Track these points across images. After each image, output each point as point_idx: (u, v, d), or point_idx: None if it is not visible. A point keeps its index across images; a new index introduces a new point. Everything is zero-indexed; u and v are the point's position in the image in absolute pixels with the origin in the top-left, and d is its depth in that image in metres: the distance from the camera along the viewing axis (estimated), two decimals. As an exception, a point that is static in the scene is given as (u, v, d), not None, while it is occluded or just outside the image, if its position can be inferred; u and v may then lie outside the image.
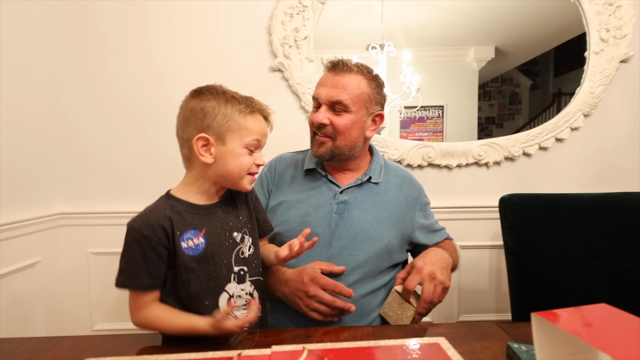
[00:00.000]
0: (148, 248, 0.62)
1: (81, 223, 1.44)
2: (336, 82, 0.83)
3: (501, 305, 1.53)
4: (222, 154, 0.65)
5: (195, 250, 0.65)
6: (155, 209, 0.65)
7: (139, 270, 0.62)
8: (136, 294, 0.64)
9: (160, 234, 0.62)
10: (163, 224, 0.63)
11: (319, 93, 0.85)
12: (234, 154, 0.65)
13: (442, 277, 0.76)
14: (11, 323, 1.20)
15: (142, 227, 0.62)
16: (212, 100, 0.65)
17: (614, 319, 0.48)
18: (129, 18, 1.41)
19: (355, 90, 0.83)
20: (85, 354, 0.56)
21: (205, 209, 0.68)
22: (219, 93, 0.66)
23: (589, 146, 1.48)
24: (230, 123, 0.64)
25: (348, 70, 0.83)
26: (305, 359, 0.50)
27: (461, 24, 2.03)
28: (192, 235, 0.65)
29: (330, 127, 0.84)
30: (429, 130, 2.31)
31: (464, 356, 0.50)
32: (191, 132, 0.65)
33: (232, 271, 0.69)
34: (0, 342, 0.65)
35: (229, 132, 0.64)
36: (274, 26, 1.40)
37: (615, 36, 1.41)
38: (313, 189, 0.90)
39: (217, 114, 0.64)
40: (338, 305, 0.73)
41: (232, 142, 0.65)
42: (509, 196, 1.08)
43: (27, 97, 1.30)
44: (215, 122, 0.64)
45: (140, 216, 0.64)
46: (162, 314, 0.63)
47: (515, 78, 3.44)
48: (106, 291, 1.46)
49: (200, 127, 0.64)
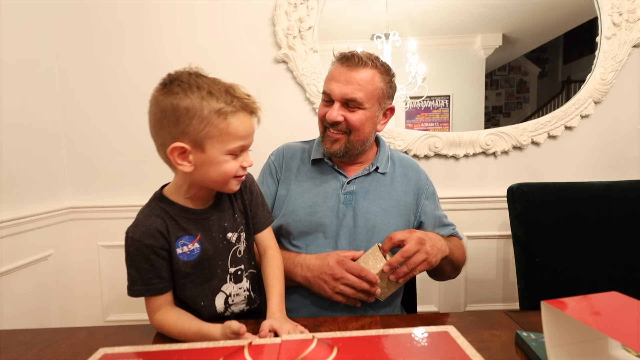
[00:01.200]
0: (153, 255, 0.62)
1: (91, 217, 1.46)
2: (350, 77, 0.80)
3: (508, 295, 1.53)
4: (202, 161, 0.58)
5: (190, 256, 0.64)
6: (149, 215, 0.63)
7: (150, 277, 0.63)
8: (151, 299, 0.64)
9: (160, 240, 0.62)
10: (161, 230, 0.62)
11: (332, 89, 0.81)
12: (216, 162, 0.58)
13: (430, 249, 0.73)
14: (26, 315, 1.24)
15: (142, 237, 0.61)
16: (185, 99, 0.54)
17: (624, 307, 0.47)
18: (131, 13, 1.41)
19: (370, 87, 0.80)
20: (99, 344, 0.57)
21: (199, 214, 0.65)
22: (192, 88, 0.55)
23: (599, 134, 1.45)
24: (209, 129, 0.55)
25: (363, 64, 0.80)
26: (314, 348, 0.50)
27: (467, 10, 1.99)
28: (187, 242, 0.63)
29: (344, 124, 0.82)
30: (435, 121, 2.29)
31: (473, 344, 0.51)
32: (165, 137, 0.56)
33: (228, 272, 0.69)
34: (17, 333, 0.66)
35: (208, 139, 0.56)
36: (277, 17, 1.39)
37: (628, 20, 1.37)
38: (320, 178, 0.90)
39: (193, 117, 0.54)
40: (364, 288, 0.73)
41: (213, 149, 0.57)
42: (517, 185, 1.07)
43: (35, 96, 1.32)
44: (190, 128, 0.55)
45: (136, 225, 0.62)
46: (172, 320, 0.63)
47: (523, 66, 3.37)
48: (117, 283, 1.49)
49: (175, 133, 0.55)
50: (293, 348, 0.51)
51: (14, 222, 1.18)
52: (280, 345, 0.52)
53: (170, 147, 0.56)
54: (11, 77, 1.21)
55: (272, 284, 0.70)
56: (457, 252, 0.87)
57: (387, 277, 0.73)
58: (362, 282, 0.73)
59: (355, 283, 0.73)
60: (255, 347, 0.51)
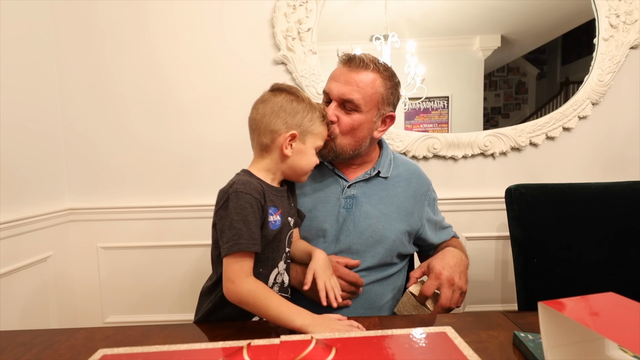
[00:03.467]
0: (259, 211, 0.67)
1: (90, 218, 1.46)
2: (350, 78, 0.79)
3: (507, 295, 1.53)
4: (299, 150, 0.74)
5: (274, 225, 0.70)
6: (248, 180, 0.69)
7: (256, 232, 0.65)
8: (246, 259, 0.64)
9: (262, 200, 0.68)
10: (262, 192, 0.69)
11: (331, 88, 0.81)
12: (308, 153, 0.75)
13: (460, 282, 0.76)
14: (25, 316, 1.24)
15: (252, 192, 0.66)
16: (302, 103, 0.73)
17: (621, 307, 0.48)
18: (131, 15, 1.41)
19: (369, 90, 0.79)
20: (98, 345, 0.57)
21: (280, 192, 0.76)
22: (304, 98, 0.74)
23: (597, 135, 1.46)
24: (314, 127, 0.74)
25: (364, 66, 0.79)
26: (313, 349, 0.51)
27: (466, 11, 1.99)
28: (273, 212, 0.71)
29: (336, 126, 0.81)
30: (434, 122, 2.29)
31: (471, 345, 0.51)
32: (280, 126, 0.71)
33: (285, 251, 0.75)
34: (16, 334, 0.66)
35: (310, 135, 0.74)
36: (276, 18, 1.39)
37: (626, 22, 1.38)
38: (320, 182, 0.89)
39: (306, 116, 0.73)
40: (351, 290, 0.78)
41: (310, 142, 0.75)
42: (515, 186, 1.07)
43: (34, 98, 1.32)
44: (303, 123, 0.73)
45: (242, 183, 0.67)
46: (267, 289, 0.64)
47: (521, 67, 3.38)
48: (116, 285, 1.49)
49: (291, 124, 0.72)
50: (292, 349, 0.51)
51: (13, 224, 1.18)
52: (279, 345, 0.52)
53: (289, 132, 0.71)
54: (10, 79, 1.21)
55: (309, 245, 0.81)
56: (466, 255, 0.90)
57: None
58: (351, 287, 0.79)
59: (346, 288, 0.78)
60: (254, 347, 0.52)
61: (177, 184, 1.48)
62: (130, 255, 1.48)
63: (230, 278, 0.63)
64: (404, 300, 0.78)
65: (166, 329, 0.67)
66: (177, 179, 1.48)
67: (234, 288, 0.63)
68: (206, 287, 0.76)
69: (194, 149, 1.47)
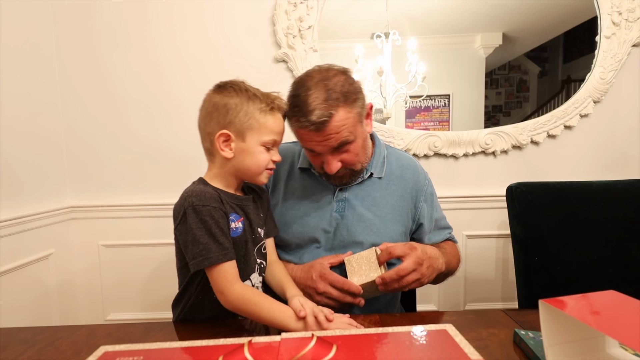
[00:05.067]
0: (221, 219, 0.64)
1: (91, 216, 1.46)
2: (325, 134, 0.71)
3: (507, 294, 1.53)
4: (241, 150, 0.67)
5: (235, 232, 0.67)
6: (202, 190, 0.66)
7: (224, 241, 0.64)
8: (225, 268, 0.63)
9: (222, 206, 0.65)
10: (219, 199, 0.66)
11: (317, 149, 0.74)
12: (252, 151, 0.67)
13: (426, 270, 0.72)
14: (27, 314, 1.24)
15: (208, 202, 0.63)
16: (235, 97, 0.66)
17: (622, 305, 0.48)
18: (131, 13, 1.41)
19: (346, 126, 0.72)
20: (100, 342, 0.58)
21: (241, 200, 0.71)
22: (241, 90, 0.67)
23: (598, 133, 1.46)
24: (251, 121, 0.66)
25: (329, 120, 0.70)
26: (314, 346, 0.51)
27: (467, 9, 1.99)
28: (235, 219, 0.68)
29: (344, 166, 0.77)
30: (435, 120, 2.28)
31: (471, 343, 0.51)
32: (213, 127, 0.67)
33: (257, 263, 0.72)
34: (18, 331, 0.67)
35: (249, 130, 0.66)
36: (277, 16, 1.39)
37: (628, 19, 1.37)
38: (311, 186, 0.85)
39: (240, 111, 0.66)
40: (347, 301, 0.72)
41: (252, 139, 0.67)
42: (516, 185, 1.07)
43: (35, 95, 1.32)
44: (237, 119, 0.66)
45: (196, 195, 0.64)
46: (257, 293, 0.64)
47: (523, 65, 3.37)
48: (117, 282, 1.49)
49: (223, 123, 0.66)
50: (292, 346, 0.51)
51: (14, 222, 1.18)
52: (279, 343, 0.52)
53: (218, 133, 0.66)
54: (10, 77, 1.21)
55: (287, 278, 0.74)
56: (452, 262, 0.85)
57: (375, 286, 0.72)
58: (345, 295, 0.72)
59: (338, 297, 0.72)
60: (255, 344, 0.52)
61: (178, 182, 1.47)
62: (132, 253, 1.48)
63: (218, 290, 0.63)
64: (363, 254, 0.74)
65: (167, 326, 0.67)
66: (178, 176, 1.48)
67: (224, 298, 0.63)
68: (175, 299, 0.75)
69: (195, 147, 1.44)
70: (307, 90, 0.71)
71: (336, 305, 0.73)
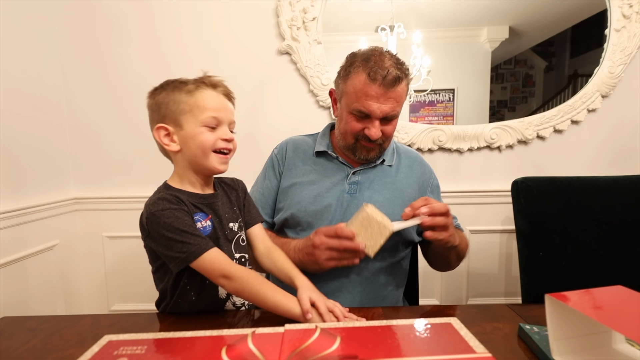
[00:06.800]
0: (186, 216, 0.63)
1: (95, 208, 1.47)
2: (388, 96, 0.78)
3: (510, 289, 1.53)
4: (184, 138, 0.65)
5: (204, 231, 0.66)
6: (163, 195, 0.64)
7: (199, 233, 0.63)
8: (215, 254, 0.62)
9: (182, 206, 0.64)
10: (179, 199, 0.64)
11: (372, 110, 0.79)
12: (193, 134, 0.64)
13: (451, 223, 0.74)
14: (32, 304, 1.25)
15: (168, 205, 0.62)
16: (162, 92, 0.66)
17: (628, 301, 0.47)
18: (135, 5, 1.40)
19: (404, 97, 0.82)
20: (104, 331, 0.58)
21: (206, 198, 0.69)
22: (167, 84, 0.67)
23: (606, 128, 1.44)
24: (182, 106, 0.64)
25: (399, 81, 0.78)
26: (317, 337, 0.51)
27: (474, 2, 1.96)
28: (201, 218, 0.67)
29: (381, 137, 0.83)
30: (439, 115, 2.26)
31: (476, 337, 0.51)
32: (153, 127, 0.67)
33: (234, 258, 0.70)
34: (23, 320, 0.67)
35: (182, 115, 0.64)
36: (281, 7, 1.37)
37: (639, 12, 1.34)
38: (325, 170, 0.90)
39: (168, 102, 0.65)
40: (346, 246, 0.72)
41: (188, 123, 0.65)
42: (522, 179, 1.06)
43: (39, 89, 1.32)
44: (168, 111, 0.65)
45: (151, 204, 0.63)
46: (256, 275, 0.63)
47: (529, 59, 3.32)
48: (122, 274, 1.51)
49: (158, 120, 0.66)
50: (296, 337, 0.51)
51: (19, 213, 1.19)
52: (283, 334, 0.52)
53: (155, 128, 0.65)
54: (15, 69, 1.21)
55: (291, 265, 0.72)
56: (463, 244, 0.87)
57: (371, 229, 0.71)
58: (341, 241, 0.72)
59: (335, 244, 0.72)
60: (259, 335, 0.52)
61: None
62: (136, 244, 1.49)
63: (219, 275, 0.61)
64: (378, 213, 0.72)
65: (171, 317, 0.67)
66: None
67: (228, 281, 0.61)
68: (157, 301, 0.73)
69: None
70: (379, 55, 0.79)
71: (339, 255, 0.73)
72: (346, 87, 0.81)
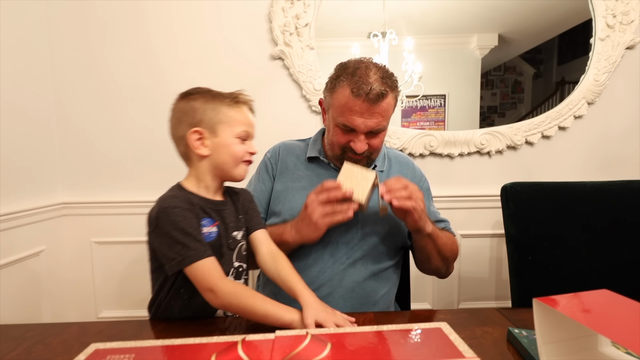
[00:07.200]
0: (194, 219, 0.64)
1: (83, 213, 1.44)
2: (373, 111, 0.77)
3: (501, 293, 1.54)
4: (216, 145, 0.69)
5: (208, 237, 0.67)
6: (173, 195, 0.67)
7: (201, 239, 0.64)
8: (209, 264, 0.62)
9: (192, 210, 0.66)
10: (191, 202, 0.66)
11: (357, 125, 0.78)
12: (227, 144, 0.69)
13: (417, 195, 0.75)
14: (17, 311, 1.22)
15: (180, 204, 0.64)
16: (200, 98, 0.69)
17: (614, 304, 0.48)
18: (127, 7, 1.39)
19: (390, 111, 0.81)
20: (91, 339, 0.57)
21: (217, 204, 0.71)
22: (204, 91, 0.70)
23: (592, 135, 1.47)
24: (220, 116, 0.68)
25: (383, 96, 0.77)
26: (308, 344, 0.50)
27: (464, 10, 1.99)
28: (208, 223, 0.68)
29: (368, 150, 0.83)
30: (431, 120, 2.29)
31: (466, 341, 0.51)
32: (184, 129, 0.68)
33: (233, 266, 0.71)
34: (8, 328, 0.66)
35: (220, 124, 0.68)
36: (274, 13, 1.38)
37: (622, 22, 1.39)
38: (317, 175, 0.90)
39: (207, 108, 0.68)
40: (335, 195, 0.74)
41: (224, 133, 0.69)
42: (511, 184, 1.08)
43: (27, 89, 1.30)
44: (206, 116, 0.68)
45: (167, 199, 0.65)
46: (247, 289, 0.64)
47: (518, 66, 3.39)
48: (110, 280, 1.48)
49: (193, 123, 0.68)
50: (287, 344, 0.51)
51: (5, 218, 1.16)
52: (273, 341, 0.52)
53: (190, 131, 0.67)
54: (2, 71, 1.19)
55: (296, 277, 0.70)
56: (444, 239, 0.86)
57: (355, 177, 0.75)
58: (329, 191, 0.75)
59: (324, 197, 0.75)
60: (249, 342, 0.51)
61: (172, 179, 1.44)
62: (124, 250, 1.47)
63: (206, 288, 0.61)
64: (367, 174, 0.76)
65: (160, 324, 0.67)
66: (172, 173, 1.44)
67: (214, 295, 0.61)
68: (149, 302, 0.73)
69: (190, 144, 1.45)
70: (365, 68, 0.78)
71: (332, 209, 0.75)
72: (332, 100, 0.81)
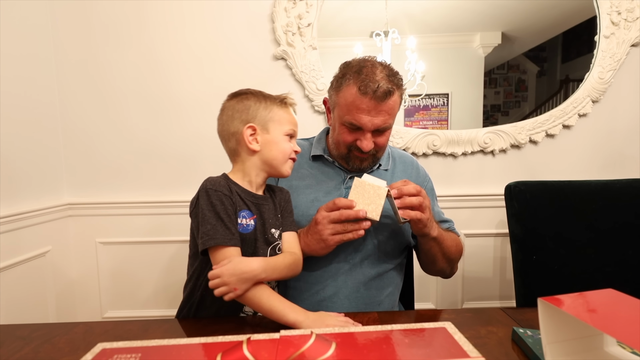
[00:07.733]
0: (230, 206, 0.67)
1: (89, 213, 1.45)
2: (380, 109, 0.78)
3: (505, 292, 1.54)
4: (267, 141, 0.72)
5: (245, 229, 0.69)
6: (218, 180, 0.69)
7: (231, 227, 0.65)
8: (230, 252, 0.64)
9: (232, 198, 0.68)
10: (232, 191, 0.69)
11: (363, 123, 0.78)
12: (277, 141, 0.73)
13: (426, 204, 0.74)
14: (24, 311, 1.24)
15: (221, 189, 0.67)
16: (253, 97, 0.73)
17: (620, 304, 0.48)
18: (130, 9, 1.40)
19: (396, 109, 0.81)
20: (97, 339, 0.57)
21: (257, 198, 0.73)
22: (255, 92, 0.74)
23: (596, 133, 1.46)
24: (272, 114, 0.72)
25: (390, 94, 0.77)
26: (313, 343, 0.51)
27: (467, 8, 1.98)
28: (246, 215, 0.70)
29: (373, 148, 0.83)
30: (434, 119, 2.28)
31: (470, 341, 0.51)
32: (238, 126, 0.71)
33: None
34: (15, 328, 0.66)
35: (272, 122, 0.72)
36: (276, 13, 1.38)
37: (627, 19, 1.37)
38: (322, 174, 0.90)
39: (259, 107, 0.72)
40: (347, 215, 0.72)
41: (275, 130, 0.73)
42: (515, 183, 1.07)
43: (32, 92, 1.31)
44: (259, 114, 0.72)
45: (209, 181, 0.68)
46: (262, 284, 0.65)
47: (522, 65, 3.37)
48: (115, 280, 1.49)
49: (246, 119, 0.71)
50: (291, 343, 0.51)
51: (11, 219, 1.18)
52: (278, 340, 0.52)
53: (246, 126, 0.71)
54: (8, 72, 1.20)
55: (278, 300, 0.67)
56: (450, 242, 0.86)
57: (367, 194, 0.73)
58: (341, 212, 0.72)
59: (335, 216, 0.72)
60: (254, 342, 0.52)
61: (176, 180, 1.48)
62: (129, 250, 1.48)
63: None
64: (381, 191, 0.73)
65: (165, 324, 0.67)
66: (176, 174, 1.47)
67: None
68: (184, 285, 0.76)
69: (193, 145, 1.46)
70: (371, 66, 0.78)
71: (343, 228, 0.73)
72: (338, 99, 0.81)
